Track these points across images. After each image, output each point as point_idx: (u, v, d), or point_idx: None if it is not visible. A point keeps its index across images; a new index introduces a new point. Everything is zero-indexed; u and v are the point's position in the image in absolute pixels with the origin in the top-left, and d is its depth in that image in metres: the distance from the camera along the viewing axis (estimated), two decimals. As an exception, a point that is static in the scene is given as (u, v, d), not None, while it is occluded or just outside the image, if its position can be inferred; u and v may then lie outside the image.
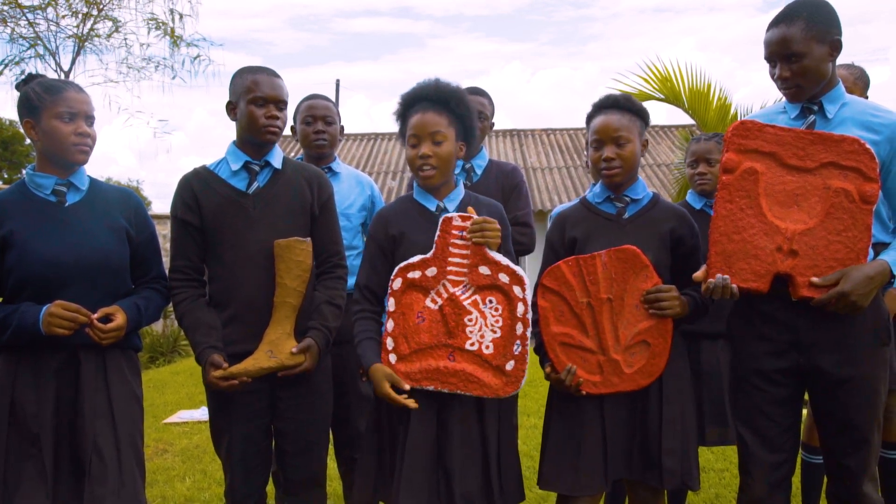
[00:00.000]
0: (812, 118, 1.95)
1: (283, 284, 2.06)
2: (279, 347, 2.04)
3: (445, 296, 1.96)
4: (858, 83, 2.75)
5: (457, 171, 2.39)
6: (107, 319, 1.97)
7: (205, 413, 4.18)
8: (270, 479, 2.36)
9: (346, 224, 2.70)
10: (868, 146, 1.81)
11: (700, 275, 1.91)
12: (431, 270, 1.97)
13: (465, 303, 1.96)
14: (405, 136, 2.06)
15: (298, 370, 2.05)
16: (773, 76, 1.96)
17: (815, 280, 1.81)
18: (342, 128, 2.92)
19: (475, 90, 2.76)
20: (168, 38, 10.17)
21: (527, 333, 1.95)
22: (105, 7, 9.83)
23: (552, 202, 11.66)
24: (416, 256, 1.99)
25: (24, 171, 2.09)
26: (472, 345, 1.95)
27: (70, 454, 1.98)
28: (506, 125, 23.93)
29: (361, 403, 2.60)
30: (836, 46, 1.90)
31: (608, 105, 2.08)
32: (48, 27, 9.62)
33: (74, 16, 9.69)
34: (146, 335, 8.74)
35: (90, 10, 9.71)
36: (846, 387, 1.86)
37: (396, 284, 1.98)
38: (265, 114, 2.10)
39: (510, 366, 1.94)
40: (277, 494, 2.48)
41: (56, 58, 9.67)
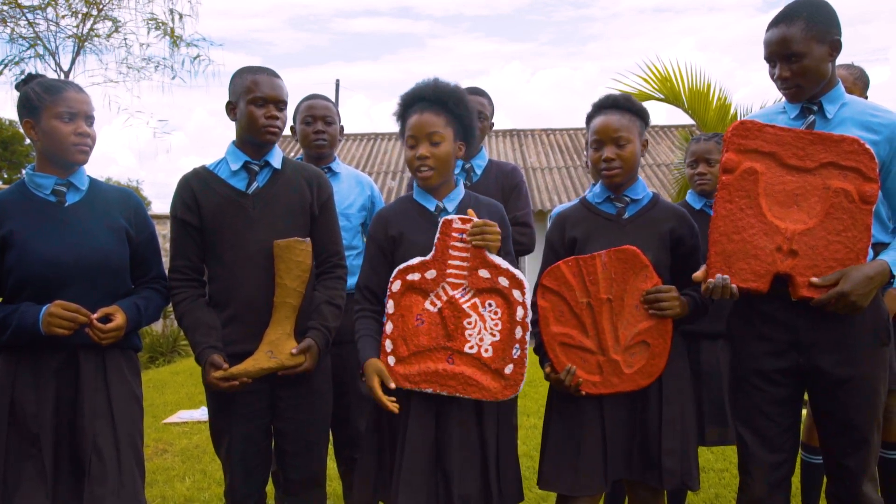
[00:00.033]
0: (812, 118, 1.95)
1: (283, 285, 2.05)
2: (279, 348, 2.04)
3: (445, 298, 1.96)
4: (858, 83, 2.75)
5: (456, 171, 2.39)
6: (106, 319, 1.97)
7: (204, 413, 4.18)
8: (270, 479, 2.36)
9: (346, 224, 2.70)
10: (868, 146, 1.81)
11: (700, 275, 1.91)
12: (431, 273, 1.97)
13: (465, 306, 1.95)
14: (405, 137, 2.06)
15: (298, 370, 2.05)
16: (773, 76, 1.96)
17: (815, 280, 1.81)
18: (342, 128, 2.92)
19: (475, 90, 2.76)
20: (168, 38, 10.20)
21: (526, 337, 1.94)
22: (105, 7, 9.85)
23: (552, 202, 11.67)
24: (416, 259, 1.98)
25: (24, 171, 2.09)
26: (471, 348, 1.95)
27: (70, 454, 1.98)
28: (506, 125, 23.99)
29: (361, 403, 2.60)
30: (836, 46, 1.90)
31: (608, 105, 2.08)
32: (48, 27, 9.64)
33: (74, 16, 9.71)
34: (146, 335, 8.74)
35: (90, 10, 9.72)
36: (846, 387, 1.86)
37: (395, 286, 1.97)
38: (265, 114, 2.10)
39: (509, 369, 1.93)
40: (277, 494, 2.48)
41: (56, 58, 9.69)
